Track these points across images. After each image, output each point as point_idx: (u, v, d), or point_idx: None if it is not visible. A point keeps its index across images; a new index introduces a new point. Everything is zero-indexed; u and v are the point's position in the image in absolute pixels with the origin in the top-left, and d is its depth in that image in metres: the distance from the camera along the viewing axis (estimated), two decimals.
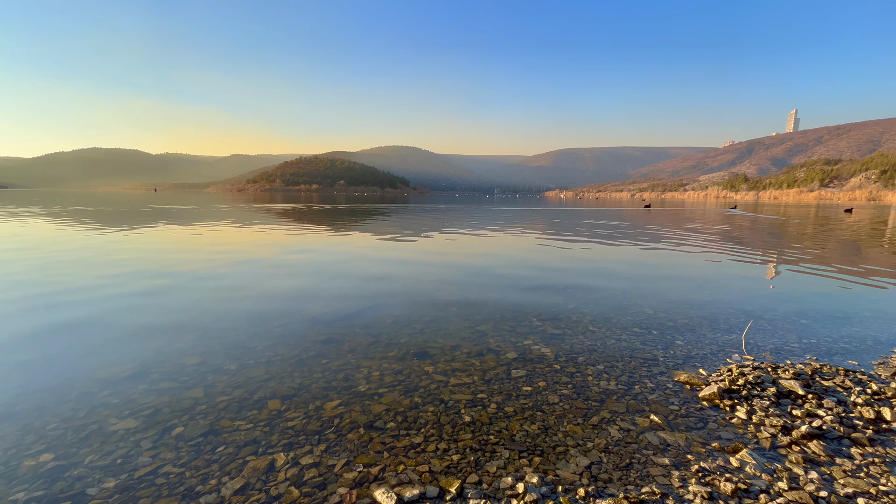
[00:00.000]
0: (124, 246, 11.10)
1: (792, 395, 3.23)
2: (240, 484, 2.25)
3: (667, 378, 3.57)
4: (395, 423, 2.85)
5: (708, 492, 2.16)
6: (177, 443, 2.61)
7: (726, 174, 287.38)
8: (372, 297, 6.18)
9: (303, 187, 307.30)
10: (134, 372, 3.58)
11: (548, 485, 2.26)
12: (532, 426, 2.82)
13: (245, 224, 18.69)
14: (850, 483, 2.25)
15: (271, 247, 11.38)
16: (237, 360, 3.85)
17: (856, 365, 3.87)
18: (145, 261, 8.89)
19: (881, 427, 2.81)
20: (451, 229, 17.98)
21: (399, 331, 4.69)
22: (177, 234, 14.36)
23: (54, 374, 3.53)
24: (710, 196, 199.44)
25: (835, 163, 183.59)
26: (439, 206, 47.83)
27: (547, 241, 14.08)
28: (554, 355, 4.03)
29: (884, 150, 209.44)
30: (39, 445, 2.56)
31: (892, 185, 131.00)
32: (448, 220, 24.14)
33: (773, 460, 2.47)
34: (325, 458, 2.48)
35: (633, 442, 2.66)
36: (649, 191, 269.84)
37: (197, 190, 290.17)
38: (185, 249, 10.69)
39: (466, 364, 3.82)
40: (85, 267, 8.07)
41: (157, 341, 4.30)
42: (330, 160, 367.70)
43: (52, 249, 10.15)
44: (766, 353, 4.17)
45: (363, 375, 3.56)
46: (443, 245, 12.62)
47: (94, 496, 2.16)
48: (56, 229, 15.20)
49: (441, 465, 2.42)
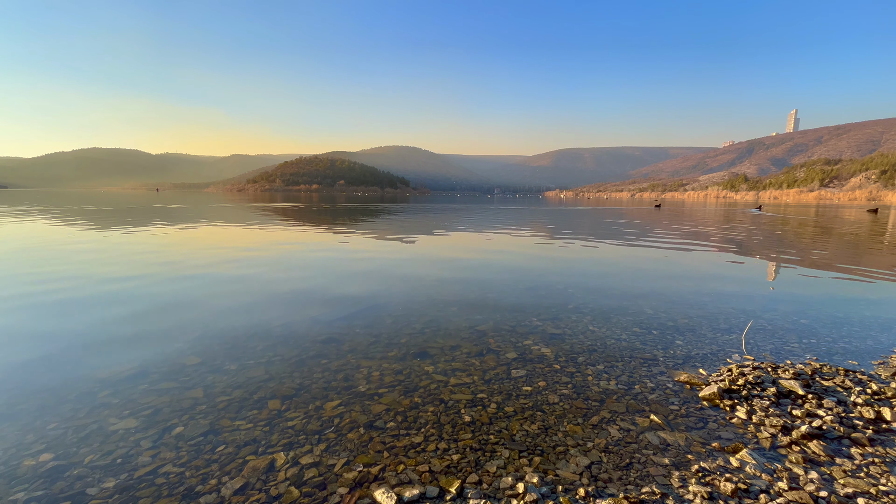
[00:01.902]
0: (133, 246, 11.11)
1: (792, 395, 3.23)
2: (240, 484, 2.25)
3: (667, 378, 3.57)
4: (395, 423, 2.85)
5: (708, 492, 2.16)
6: (177, 443, 2.61)
7: (726, 174, 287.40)
8: (372, 297, 6.18)
9: (303, 187, 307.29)
10: (134, 372, 3.58)
11: (548, 484, 2.26)
12: (532, 426, 2.82)
13: (245, 224, 18.69)
14: (850, 483, 2.25)
15: (272, 246, 11.38)
16: (237, 360, 3.85)
17: (856, 365, 3.87)
18: (145, 260, 8.89)
19: (881, 427, 2.81)
20: (454, 229, 17.98)
21: (399, 331, 4.69)
22: (178, 233, 14.37)
23: (54, 374, 3.53)
24: (710, 196, 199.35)
25: (835, 163, 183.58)
26: (440, 206, 47.83)
27: (591, 246, 14.05)
28: (554, 355, 4.03)
29: (884, 150, 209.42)
30: (39, 445, 2.56)
31: (892, 185, 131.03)
32: (449, 220, 24.14)
33: (773, 460, 2.47)
34: (325, 457, 2.48)
35: (633, 442, 2.66)
36: (649, 191, 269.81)
37: (197, 190, 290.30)
38: (186, 250, 10.69)
39: (466, 364, 3.82)
40: (85, 266, 8.07)
41: (157, 341, 4.30)
42: (330, 160, 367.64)
43: (72, 248, 10.16)
44: (766, 353, 4.17)
45: (363, 375, 3.56)
46: (443, 245, 12.62)
47: (94, 496, 2.16)
48: (80, 229, 15.20)
49: (441, 464, 2.42)
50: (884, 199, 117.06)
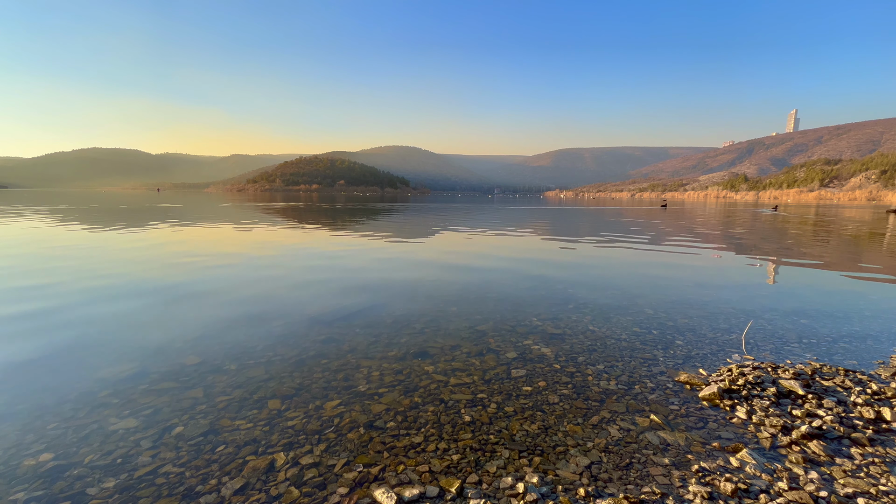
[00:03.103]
0: (126, 245, 11.11)
1: (792, 395, 3.23)
2: (240, 484, 2.25)
3: (667, 378, 3.57)
4: (395, 423, 2.85)
5: (708, 492, 2.16)
6: (177, 442, 2.61)
7: (726, 174, 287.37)
8: (372, 296, 6.18)
9: (303, 187, 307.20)
10: (134, 372, 3.58)
11: (548, 484, 2.26)
12: (532, 426, 2.82)
13: (246, 224, 18.69)
14: (850, 483, 2.25)
15: (272, 246, 11.38)
16: (237, 360, 3.85)
17: (856, 365, 3.87)
18: (145, 261, 8.89)
19: (881, 427, 2.81)
20: (454, 229, 17.98)
21: (399, 331, 4.69)
22: (182, 233, 14.37)
23: (54, 374, 3.53)
24: (710, 196, 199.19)
25: (835, 163, 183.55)
26: (441, 205, 47.83)
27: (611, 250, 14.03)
28: (554, 355, 4.03)
29: (884, 150, 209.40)
30: (39, 445, 2.56)
31: (892, 185, 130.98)
32: (450, 220, 24.14)
33: (773, 460, 2.47)
34: (325, 457, 2.48)
35: (633, 442, 2.66)
36: (649, 191, 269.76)
37: (197, 190, 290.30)
38: (188, 249, 10.69)
39: (466, 364, 3.82)
40: (84, 266, 8.07)
41: (157, 341, 4.30)
42: (330, 160, 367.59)
43: (87, 246, 10.16)
44: (766, 353, 4.17)
45: (363, 375, 3.56)
46: (443, 245, 12.62)
47: (94, 496, 2.16)
48: (88, 230, 15.20)
49: (441, 464, 2.42)
50: (883, 199, 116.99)
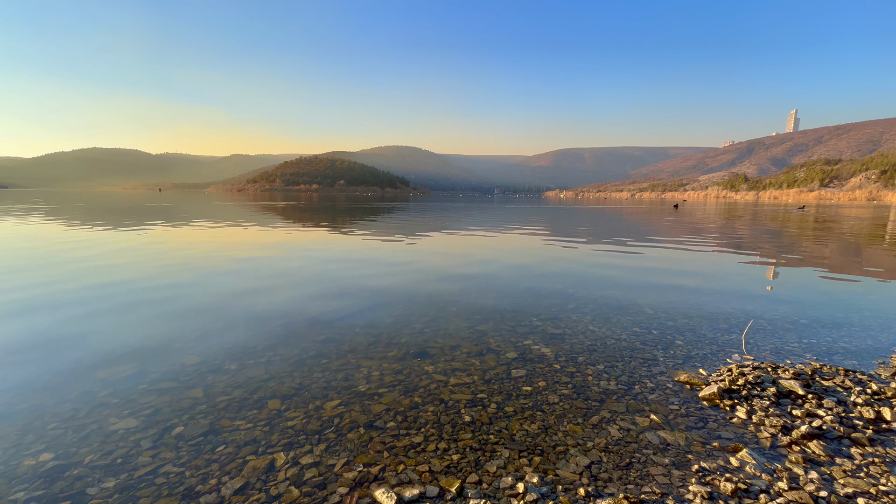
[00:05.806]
0: (124, 246, 11.11)
1: (792, 394, 3.23)
2: (240, 484, 2.25)
3: (667, 378, 3.57)
4: (395, 423, 2.85)
5: (708, 491, 2.16)
6: (177, 442, 2.61)
7: (726, 174, 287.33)
8: (372, 296, 6.18)
9: (303, 187, 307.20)
10: (134, 372, 3.58)
11: (548, 484, 2.26)
12: (532, 426, 2.82)
13: (246, 224, 18.69)
14: (850, 483, 2.25)
15: (272, 246, 11.38)
16: (237, 360, 3.85)
17: (856, 365, 3.87)
18: (144, 261, 8.89)
19: (881, 427, 2.81)
20: (455, 229, 17.98)
21: (399, 331, 4.69)
22: (183, 233, 14.37)
23: (54, 373, 3.53)
24: (710, 196, 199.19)
25: (835, 163, 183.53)
26: (441, 205, 47.83)
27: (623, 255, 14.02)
28: (554, 355, 4.03)
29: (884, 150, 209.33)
30: (39, 445, 2.56)
31: (892, 185, 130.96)
32: (450, 220, 24.14)
33: (773, 460, 2.47)
34: (325, 457, 2.48)
35: (633, 441, 2.66)
36: (649, 191, 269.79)
37: (197, 190, 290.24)
38: (189, 249, 10.70)
39: (466, 364, 3.82)
40: (86, 265, 8.07)
41: (157, 341, 4.30)
42: (330, 160, 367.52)
43: (99, 243, 10.16)
44: (766, 352, 4.17)
45: (363, 375, 3.56)
46: (443, 244, 12.62)
47: (94, 496, 2.16)
48: (97, 229, 15.20)
49: (441, 464, 2.42)
50: (884, 199, 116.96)
